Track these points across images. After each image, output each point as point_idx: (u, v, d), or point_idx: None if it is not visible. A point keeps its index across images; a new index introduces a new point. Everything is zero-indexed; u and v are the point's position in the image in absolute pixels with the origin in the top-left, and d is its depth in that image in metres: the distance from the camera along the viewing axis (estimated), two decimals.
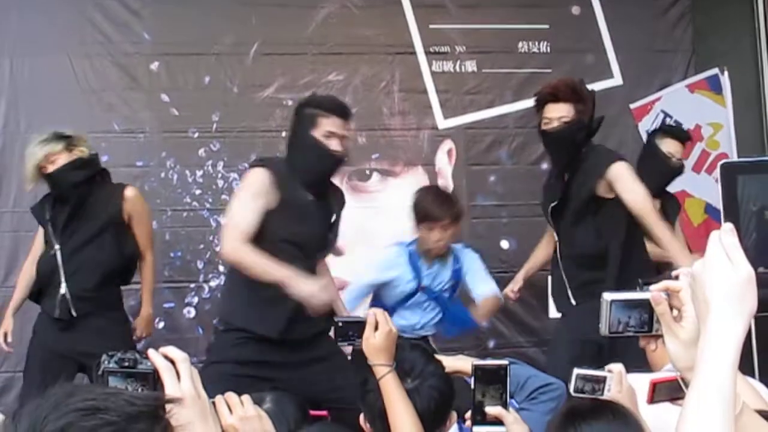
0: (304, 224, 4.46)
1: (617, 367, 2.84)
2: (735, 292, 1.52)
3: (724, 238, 1.55)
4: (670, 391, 2.54)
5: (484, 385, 2.41)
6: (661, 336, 1.77)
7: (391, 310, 5.22)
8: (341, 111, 4.51)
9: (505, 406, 2.40)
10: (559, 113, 4.86)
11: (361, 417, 3.01)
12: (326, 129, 4.44)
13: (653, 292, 1.75)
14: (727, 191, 4.84)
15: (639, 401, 2.85)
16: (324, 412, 4.12)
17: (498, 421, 2.39)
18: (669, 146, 5.64)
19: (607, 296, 1.84)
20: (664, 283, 1.73)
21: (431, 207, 5.23)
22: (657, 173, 5.52)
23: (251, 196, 4.37)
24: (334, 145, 4.44)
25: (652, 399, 2.61)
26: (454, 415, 3.13)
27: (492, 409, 2.38)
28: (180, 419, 1.65)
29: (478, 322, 5.52)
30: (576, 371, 2.85)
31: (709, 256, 1.56)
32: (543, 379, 3.58)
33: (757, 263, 1.63)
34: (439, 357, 3.14)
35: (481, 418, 2.40)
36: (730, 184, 4.80)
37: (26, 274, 5.24)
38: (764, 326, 4.61)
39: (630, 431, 2.53)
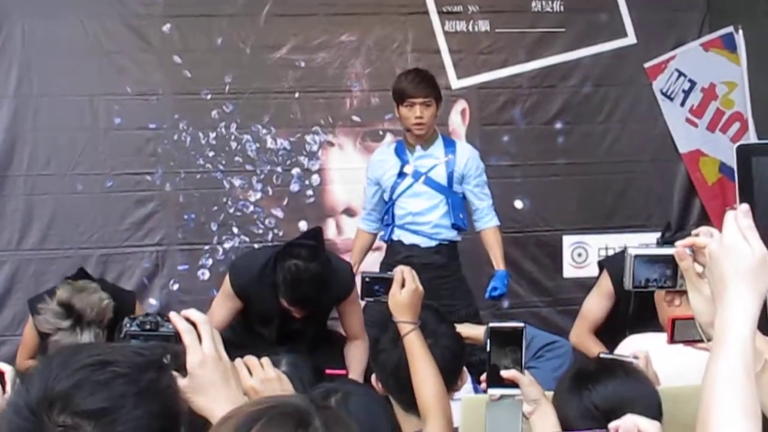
0: (268, 326, 4.60)
1: (643, 353, 2.85)
2: (750, 271, 1.58)
3: (740, 220, 1.61)
4: (690, 332, 2.56)
5: (499, 347, 2.42)
6: (685, 291, 1.81)
7: (390, 203, 5.28)
8: (294, 300, 4.34)
9: (520, 368, 2.40)
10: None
11: (373, 377, 3.03)
12: (284, 305, 4.39)
13: (678, 248, 1.78)
14: (743, 172, 4.79)
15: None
16: (343, 371, 4.14)
17: (513, 383, 2.40)
18: None
19: (632, 251, 1.86)
20: (690, 239, 1.76)
21: (409, 85, 5.21)
22: None
23: (222, 297, 4.64)
24: (295, 313, 4.40)
25: (672, 338, 2.63)
26: (465, 374, 3.14)
27: (507, 373, 2.39)
28: (203, 381, 1.68)
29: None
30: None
31: (725, 236, 1.62)
32: (547, 337, 3.60)
33: None
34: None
35: (496, 380, 2.41)
36: (745, 166, 4.76)
37: None
38: None
39: (644, 389, 2.54)
